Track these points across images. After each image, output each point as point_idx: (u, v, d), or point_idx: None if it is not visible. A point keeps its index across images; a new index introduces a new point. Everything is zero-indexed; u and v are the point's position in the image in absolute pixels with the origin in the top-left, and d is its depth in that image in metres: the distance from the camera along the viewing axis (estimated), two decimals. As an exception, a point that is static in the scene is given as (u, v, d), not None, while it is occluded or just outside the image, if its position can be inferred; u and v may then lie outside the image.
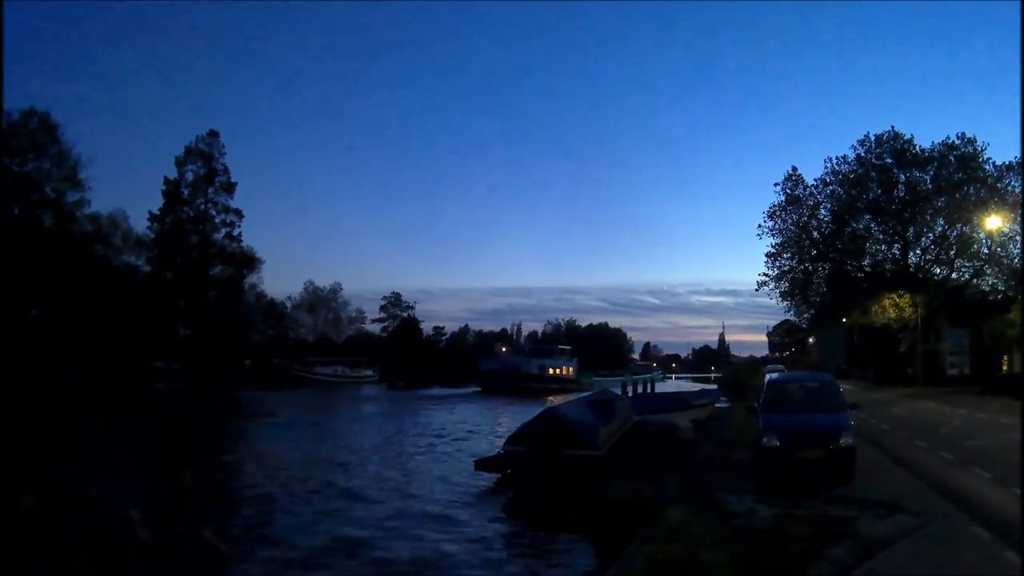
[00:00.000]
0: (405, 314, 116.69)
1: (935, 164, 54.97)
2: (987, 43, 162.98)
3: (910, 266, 56.92)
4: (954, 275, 57.45)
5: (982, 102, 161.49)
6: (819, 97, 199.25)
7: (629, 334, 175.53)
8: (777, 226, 58.70)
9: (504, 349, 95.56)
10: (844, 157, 57.35)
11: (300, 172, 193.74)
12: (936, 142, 55.35)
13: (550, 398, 47.02)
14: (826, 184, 58.04)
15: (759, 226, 59.01)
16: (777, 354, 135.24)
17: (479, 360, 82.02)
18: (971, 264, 56.58)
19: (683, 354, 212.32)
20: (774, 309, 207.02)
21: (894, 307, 53.80)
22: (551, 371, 79.94)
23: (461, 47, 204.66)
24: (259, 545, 12.16)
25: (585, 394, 30.40)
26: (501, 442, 20.68)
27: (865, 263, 59.62)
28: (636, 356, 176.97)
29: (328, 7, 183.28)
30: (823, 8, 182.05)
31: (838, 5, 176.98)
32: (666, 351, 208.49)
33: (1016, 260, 51.73)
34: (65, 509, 13.80)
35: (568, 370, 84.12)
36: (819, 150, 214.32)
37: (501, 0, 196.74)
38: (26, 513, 11.24)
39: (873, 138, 56.68)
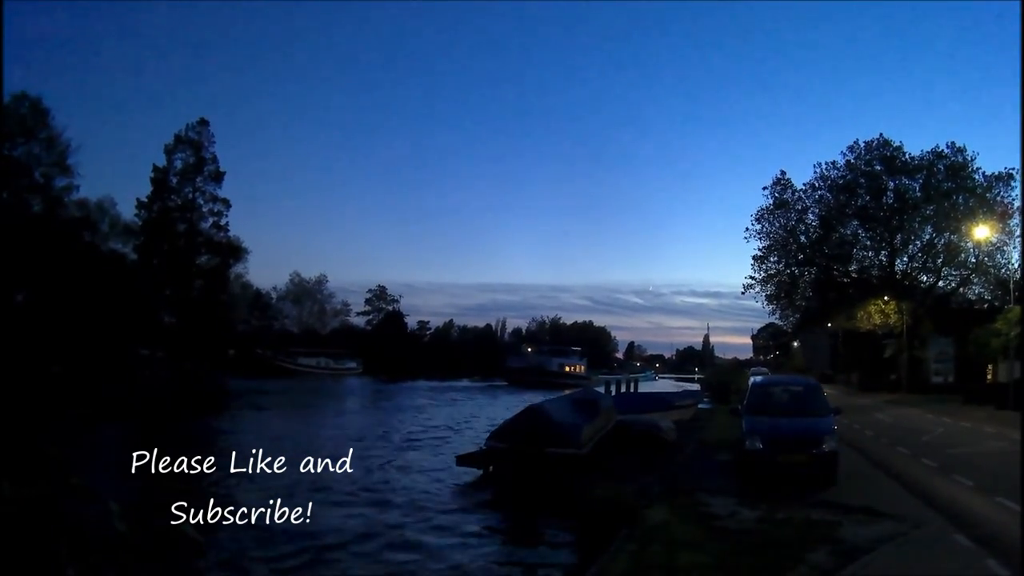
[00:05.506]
0: (390, 307, 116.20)
1: (924, 172, 55.08)
2: (979, 52, 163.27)
3: (897, 273, 57.10)
4: (941, 283, 57.72)
5: (972, 112, 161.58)
6: (809, 102, 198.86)
7: (613, 333, 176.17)
8: (764, 229, 58.74)
9: (529, 349, 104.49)
10: (833, 163, 57.51)
11: (287, 164, 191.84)
12: (926, 150, 55.50)
13: (567, 391, 47.81)
14: (815, 189, 58.17)
15: (746, 229, 58.99)
16: (761, 357, 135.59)
17: (508, 358, 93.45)
18: (958, 273, 56.78)
19: (667, 354, 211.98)
20: (759, 312, 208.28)
21: (880, 313, 54.01)
22: (567, 368, 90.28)
23: (451, 42, 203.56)
24: (234, 539, 12.02)
25: (578, 390, 30.64)
26: None
27: (852, 269, 59.79)
28: (620, 355, 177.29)
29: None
30: (814, 13, 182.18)
31: (831, 10, 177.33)
32: (650, 351, 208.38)
33: (1003, 270, 52.03)
34: (45, 497, 13.60)
35: (580, 368, 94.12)
36: (808, 155, 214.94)
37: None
38: (2, 500, 11.04)
39: (863, 145, 56.80)
